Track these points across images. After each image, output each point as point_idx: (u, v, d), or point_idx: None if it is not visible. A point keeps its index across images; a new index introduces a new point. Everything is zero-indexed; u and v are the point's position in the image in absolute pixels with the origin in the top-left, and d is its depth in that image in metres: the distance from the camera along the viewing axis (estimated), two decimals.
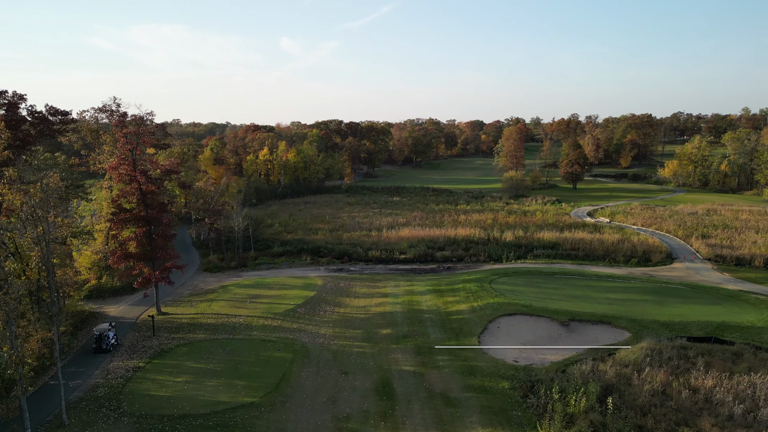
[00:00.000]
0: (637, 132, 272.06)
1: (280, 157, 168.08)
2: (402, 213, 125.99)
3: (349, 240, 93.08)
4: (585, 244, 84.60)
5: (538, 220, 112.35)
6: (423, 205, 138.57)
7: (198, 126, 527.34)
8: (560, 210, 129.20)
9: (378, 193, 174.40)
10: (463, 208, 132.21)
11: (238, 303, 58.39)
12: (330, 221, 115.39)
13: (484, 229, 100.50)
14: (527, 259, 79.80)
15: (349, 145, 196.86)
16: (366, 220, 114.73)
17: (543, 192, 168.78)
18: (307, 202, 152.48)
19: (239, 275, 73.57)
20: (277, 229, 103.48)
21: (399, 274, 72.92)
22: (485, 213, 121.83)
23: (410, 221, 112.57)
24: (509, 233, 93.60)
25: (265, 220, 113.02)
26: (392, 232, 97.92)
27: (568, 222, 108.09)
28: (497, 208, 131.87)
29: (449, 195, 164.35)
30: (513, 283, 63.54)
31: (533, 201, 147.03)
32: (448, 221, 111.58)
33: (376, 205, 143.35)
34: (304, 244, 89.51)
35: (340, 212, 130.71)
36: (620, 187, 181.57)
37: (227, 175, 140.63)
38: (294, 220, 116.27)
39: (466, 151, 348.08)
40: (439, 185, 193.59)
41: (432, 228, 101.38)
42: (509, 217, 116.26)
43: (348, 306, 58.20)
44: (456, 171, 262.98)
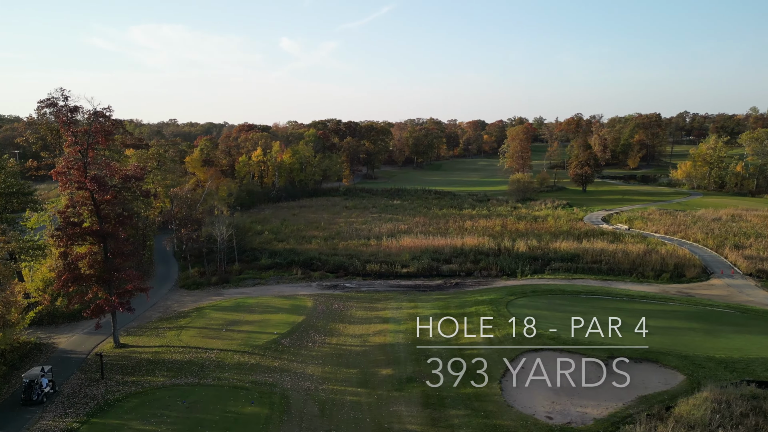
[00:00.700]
0: (644, 132, 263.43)
1: (274, 158, 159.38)
2: (403, 218, 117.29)
3: (346, 250, 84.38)
4: (608, 256, 75.88)
5: (550, 226, 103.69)
6: (425, 210, 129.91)
7: (195, 126, 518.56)
8: (572, 215, 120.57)
9: (377, 195, 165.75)
10: (469, 213, 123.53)
11: (212, 332, 49.69)
12: (325, 228, 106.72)
13: (494, 237, 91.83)
14: (545, 273, 71.06)
15: (347, 146, 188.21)
16: (364, 227, 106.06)
17: (551, 195, 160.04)
18: (302, 205, 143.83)
19: (220, 293, 64.86)
20: (266, 237, 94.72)
21: (401, 292, 64.23)
22: (493, 219, 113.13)
23: (412, 228, 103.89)
24: (522, 243, 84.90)
25: (254, 227, 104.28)
26: (393, 241, 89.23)
27: (584, 229, 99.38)
28: (505, 213, 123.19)
29: (453, 198, 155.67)
30: (533, 306, 54.84)
31: (542, 205, 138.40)
32: (453, 228, 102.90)
33: (376, 209, 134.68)
34: (295, 255, 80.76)
35: (336, 217, 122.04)
36: (632, 189, 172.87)
37: (217, 177, 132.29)
38: (286, 226, 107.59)
39: (468, 151, 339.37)
40: (442, 187, 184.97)
41: (436, 236, 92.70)
42: (519, 223, 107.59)
43: (342, 334, 49.52)
44: (458, 172, 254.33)
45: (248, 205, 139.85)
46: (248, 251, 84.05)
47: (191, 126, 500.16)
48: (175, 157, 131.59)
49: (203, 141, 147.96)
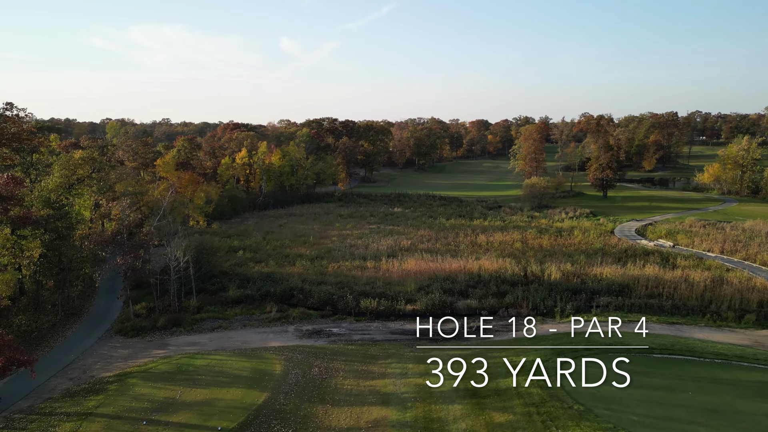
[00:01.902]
0: (660, 132, 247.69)
1: (261, 161, 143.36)
2: (405, 230, 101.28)
3: (336, 276, 68.38)
4: (667, 288, 59.88)
5: (580, 242, 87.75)
6: (431, 220, 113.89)
7: (188, 125, 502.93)
8: (600, 227, 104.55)
9: (376, 201, 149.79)
10: (480, 224, 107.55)
11: (127, 425, 33.55)
12: (315, 243, 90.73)
13: (515, 257, 75.91)
14: (591, 313, 55.04)
15: (343, 147, 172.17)
16: (360, 242, 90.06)
17: (569, 201, 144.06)
18: (291, 214, 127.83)
19: (165, 343, 48.79)
20: (241, 258, 78.61)
21: (405, 344, 48.17)
22: (510, 231, 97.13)
23: (416, 244, 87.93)
24: (552, 266, 68.90)
25: (230, 244, 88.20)
26: (394, 263, 73.22)
27: (621, 246, 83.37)
28: (522, 224, 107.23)
29: (460, 205, 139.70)
30: (593, 375, 38.59)
31: (562, 213, 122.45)
32: (465, 245, 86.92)
33: (374, 218, 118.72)
34: (272, 283, 64.67)
35: (329, 229, 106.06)
36: (657, 195, 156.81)
37: (194, 182, 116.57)
38: (269, 242, 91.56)
39: (472, 152, 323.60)
40: (447, 192, 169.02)
41: (446, 256, 76.72)
42: (542, 237, 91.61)
43: (320, 429, 33.44)
44: (463, 175, 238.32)
45: (230, 214, 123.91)
46: (216, 277, 68.03)
47: (185, 125, 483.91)
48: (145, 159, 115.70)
49: (181, 141, 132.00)
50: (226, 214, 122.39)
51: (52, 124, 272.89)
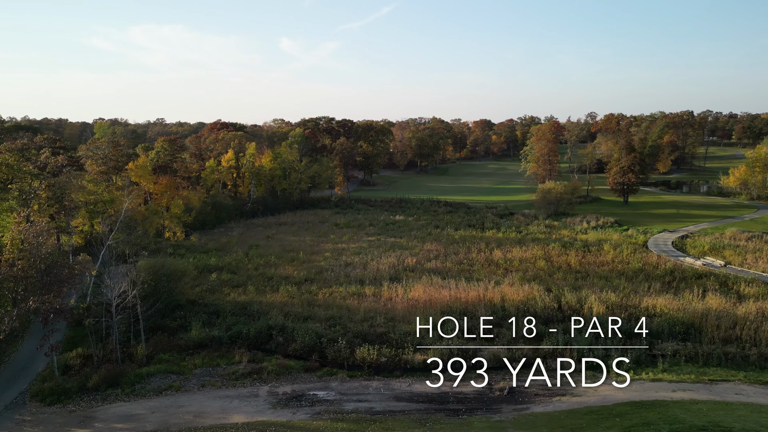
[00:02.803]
0: (674, 132, 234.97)
1: (250, 163, 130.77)
2: (409, 244, 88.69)
3: (326, 308, 55.70)
4: (745, 329, 47.24)
5: (613, 260, 75.23)
6: (437, 231, 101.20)
7: (184, 125, 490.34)
8: (629, 239, 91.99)
9: (376, 208, 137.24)
10: (494, 236, 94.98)
11: None
12: (305, 261, 78.19)
13: (542, 281, 63.39)
14: (657, 368, 42.21)
15: (340, 148, 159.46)
16: (358, 259, 77.46)
17: (588, 208, 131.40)
18: (282, 222, 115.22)
19: (88, 418, 36.06)
20: (214, 283, 65.88)
21: (416, 420, 35.45)
22: (529, 246, 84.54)
23: (422, 261, 75.41)
24: (592, 296, 56.30)
25: (206, 261, 75.58)
26: (397, 290, 60.57)
27: (665, 267, 70.69)
28: (541, 236, 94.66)
29: (468, 212, 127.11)
30: None
31: (583, 222, 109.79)
32: (479, 263, 74.40)
33: (373, 228, 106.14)
34: (246, 320, 51.99)
35: (322, 241, 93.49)
36: (681, 200, 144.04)
37: (172, 188, 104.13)
38: (251, 258, 78.97)
39: (476, 153, 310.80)
40: (452, 196, 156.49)
41: (459, 280, 63.99)
42: (567, 253, 79.11)
43: None
44: (468, 177, 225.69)
45: (213, 223, 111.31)
46: (180, 309, 55.42)
47: (180, 126, 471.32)
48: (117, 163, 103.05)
49: (160, 142, 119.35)
50: (208, 223, 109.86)
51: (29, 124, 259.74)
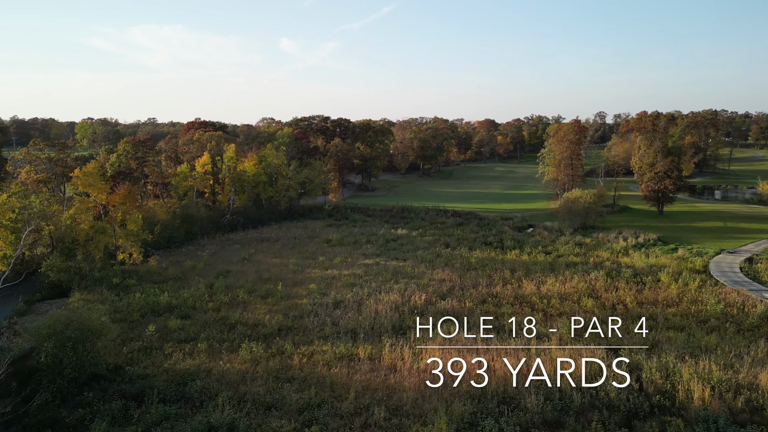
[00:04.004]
0: (698, 132, 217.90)
1: (231, 168, 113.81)
2: (416, 271, 71.62)
3: (302, 386, 38.37)
4: None
5: (679, 297, 58.30)
6: (448, 251, 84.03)
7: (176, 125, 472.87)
8: (683, 262, 75.12)
9: (375, 218, 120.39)
10: (518, 258, 78.12)
11: None
12: (283, 296, 61.11)
13: (603, 339, 46.33)
14: None
15: (335, 150, 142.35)
16: (350, 295, 60.27)
17: (619, 220, 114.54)
18: (265, 238, 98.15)
19: None
20: (154, 335, 48.63)
21: None
22: (565, 274, 67.64)
23: (433, 299, 58.27)
24: (684, 369, 39.27)
25: (155, 299, 58.44)
26: (404, 354, 43.42)
27: (758, 311, 53.59)
28: (575, 258, 77.78)
29: (480, 224, 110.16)
30: None
31: (620, 239, 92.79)
32: (506, 301, 57.39)
33: (371, 247, 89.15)
34: (177, 414, 34.88)
35: (309, 265, 76.49)
36: (722, 210, 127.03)
37: (132, 198, 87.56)
38: (216, 293, 61.75)
39: (480, 154, 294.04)
40: (460, 204, 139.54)
41: (488, 333, 46.93)
42: (618, 286, 62.17)
43: None
44: (475, 181, 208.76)
45: (182, 240, 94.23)
46: (91, 386, 38.42)
47: (172, 125, 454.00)
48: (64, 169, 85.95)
49: (122, 143, 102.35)
50: (176, 240, 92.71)
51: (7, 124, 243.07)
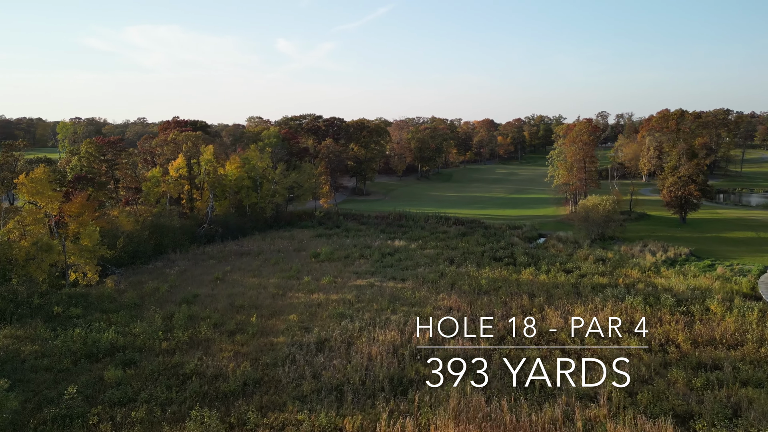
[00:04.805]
0: (708, 133, 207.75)
1: (209, 171, 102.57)
2: (417, 296, 60.41)
3: None
4: None
5: (741, 331, 47.43)
6: (453, 268, 72.87)
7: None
8: (726, 283, 64.39)
9: (369, 227, 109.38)
10: (535, 278, 67.07)
11: None
12: (257, 332, 49.92)
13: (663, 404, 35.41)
14: None
15: (326, 151, 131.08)
16: (337, 332, 48.98)
17: (638, 229, 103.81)
18: (245, 251, 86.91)
19: None
20: (67, 406, 37.30)
21: None
22: (593, 300, 56.71)
23: (440, 337, 47.03)
24: None
25: (99, 336, 47.08)
26: (405, 428, 32.41)
27: None
28: (601, 279, 66.67)
29: (486, 234, 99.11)
30: None
31: (646, 253, 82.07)
32: (530, 339, 46.38)
33: (365, 263, 78.07)
34: None
35: (292, 286, 65.17)
36: (750, 218, 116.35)
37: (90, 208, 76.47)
38: (177, 324, 50.48)
39: (480, 156, 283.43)
40: (462, 210, 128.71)
41: (511, 393, 35.98)
42: (661, 318, 51.32)
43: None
44: (476, 184, 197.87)
45: (150, 254, 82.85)
46: None
47: None
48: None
49: (85, 144, 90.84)
50: (143, 254, 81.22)
51: None
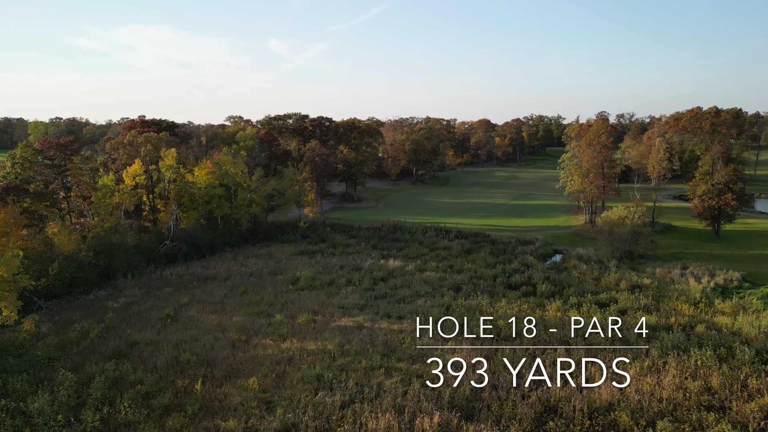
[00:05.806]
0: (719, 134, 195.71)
1: (171, 179, 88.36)
2: (418, 346, 46.65)
3: None
4: None
5: None
6: (460, 300, 59.14)
7: None
8: None
9: (360, 240, 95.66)
10: (564, 315, 53.43)
11: None
12: (202, 406, 35.73)
13: None
14: None
15: (311, 154, 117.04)
16: (311, 414, 35.03)
17: (667, 245, 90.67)
18: (210, 275, 72.75)
19: None
20: None
21: None
22: (653, 358, 43.32)
23: (453, 418, 33.46)
24: None
25: None
26: None
27: None
28: (648, 317, 53.17)
29: (494, 250, 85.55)
30: None
31: (687, 277, 68.97)
32: (577, 424, 32.73)
33: (353, 291, 64.17)
34: None
35: (259, 329, 50.97)
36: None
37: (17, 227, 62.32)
38: (88, 404, 36.08)
39: (478, 158, 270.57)
40: (463, 219, 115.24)
41: None
42: (752, 384, 37.96)
43: None
44: (475, 189, 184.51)
45: (95, 280, 68.45)
46: None
47: None
48: None
49: (19, 149, 76.38)
50: (83, 281, 66.68)
51: None
